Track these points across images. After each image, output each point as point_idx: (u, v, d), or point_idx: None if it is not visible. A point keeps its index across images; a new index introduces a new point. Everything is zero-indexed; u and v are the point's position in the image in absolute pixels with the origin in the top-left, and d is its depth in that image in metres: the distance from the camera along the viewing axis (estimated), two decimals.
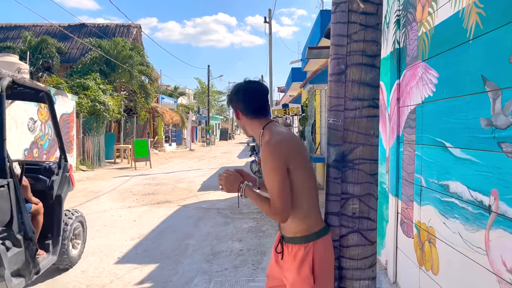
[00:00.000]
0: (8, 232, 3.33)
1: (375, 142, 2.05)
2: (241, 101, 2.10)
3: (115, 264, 4.90)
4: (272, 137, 1.97)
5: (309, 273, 1.93)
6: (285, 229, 2.06)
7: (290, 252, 2.03)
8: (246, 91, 2.10)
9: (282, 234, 2.10)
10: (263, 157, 1.93)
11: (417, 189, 3.36)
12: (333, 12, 2.07)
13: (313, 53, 8.30)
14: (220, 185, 2.18)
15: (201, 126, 46.23)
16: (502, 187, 2.14)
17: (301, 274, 1.96)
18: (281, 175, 1.88)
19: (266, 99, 2.13)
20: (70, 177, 4.70)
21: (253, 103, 2.09)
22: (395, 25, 3.88)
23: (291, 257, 2.02)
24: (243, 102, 2.09)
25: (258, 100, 2.10)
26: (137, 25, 25.99)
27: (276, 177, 1.88)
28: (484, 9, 2.31)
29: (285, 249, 2.07)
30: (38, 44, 20.65)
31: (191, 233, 6.29)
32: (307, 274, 1.94)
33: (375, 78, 2.02)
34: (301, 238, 1.98)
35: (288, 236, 2.04)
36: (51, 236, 4.24)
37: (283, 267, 2.09)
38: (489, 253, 2.26)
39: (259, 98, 2.10)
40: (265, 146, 1.94)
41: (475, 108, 2.42)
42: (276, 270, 2.17)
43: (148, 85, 22.96)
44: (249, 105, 2.09)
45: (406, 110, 3.63)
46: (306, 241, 1.97)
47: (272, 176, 1.89)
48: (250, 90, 2.11)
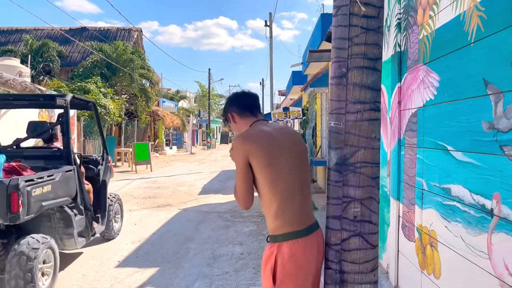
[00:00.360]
0: (74, 204, 4.66)
1: (377, 145, 2.04)
2: (233, 104, 2.32)
3: (116, 267, 4.88)
4: (245, 131, 2.18)
5: (270, 274, 1.99)
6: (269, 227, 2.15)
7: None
8: (236, 96, 2.36)
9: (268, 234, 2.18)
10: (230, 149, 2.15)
11: (418, 192, 3.35)
12: (334, 15, 2.07)
13: (314, 57, 8.31)
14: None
15: (201, 129, 46.24)
16: (505, 191, 2.13)
17: (264, 272, 2.05)
18: (240, 167, 2.05)
19: (253, 101, 2.34)
20: (111, 167, 5.99)
21: (242, 102, 2.30)
22: (396, 28, 3.88)
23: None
24: (234, 104, 2.31)
25: (245, 100, 2.31)
26: (138, 29, 26.07)
27: (237, 168, 2.07)
28: (485, 12, 2.31)
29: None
30: (39, 48, 20.70)
31: (192, 236, 6.27)
32: (268, 274, 2.01)
33: (376, 81, 2.02)
34: (270, 238, 2.08)
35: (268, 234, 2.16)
36: (100, 212, 5.48)
37: None
38: (492, 257, 2.24)
39: (246, 99, 2.32)
40: (235, 138, 2.14)
41: (477, 111, 2.41)
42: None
43: (149, 89, 22.97)
44: (239, 105, 2.30)
45: (407, 113, 3.62)
46: (273, 241, 2.05)
47: (236, 166, 2.08)
48: (238, 95, 2.37)
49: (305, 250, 2.00)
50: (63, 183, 4.39)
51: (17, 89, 9.89)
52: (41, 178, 4.01)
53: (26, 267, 3.64)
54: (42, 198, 3.95)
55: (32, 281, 3.65)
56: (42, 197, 3.95)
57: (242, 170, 2.04)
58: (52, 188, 4.13)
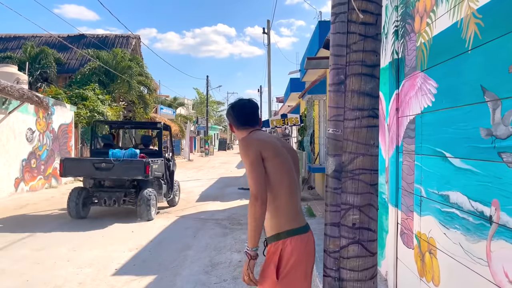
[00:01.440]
0: (163, 178, 8.59)
1: (375, 152, 2.04)
2: (232, 115, 2.46)
3: (113, 275, 4.84)
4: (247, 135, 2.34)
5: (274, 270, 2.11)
6: (266, 229, 2.21)
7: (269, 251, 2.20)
8: (235, 107, 2.48)
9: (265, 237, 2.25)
10: (240, 151, 2.22)
11: (417, 199, 3.34)
12: (332, 23, 2.08)
13: (312, 64, 8.34)
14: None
15: (199, 136, 46.22)
16: (503, 198, 2.12)
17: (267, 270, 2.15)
18: (253, 160, 2.10)
19: (253, 112, 2.47)
20: (175, 163, 9.91)
21: (241, 116, 2.44)
22: (393, 36, 3.90)
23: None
24: (234, 116, 2.46)
25: (244, 114, 2.44)
26: (136, 36, 26.14)
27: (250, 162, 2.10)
28: (483, 19, 2.32)
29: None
30: (37, 55, 20.73)
31: (190, 244, 6.24)
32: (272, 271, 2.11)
33: (374, 88, 2.02)
34: (273, 237, 2.16)
35: (267, 236, 2.22)
36: (171, 190, 9.22)
37: None
38: (491, 264, 2.23)
39: (245, 112, 2.45)
40: (239, 142, 2.27)
41: (475, 118, 2.41)
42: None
43: (147, 96, 23.00)
44: (238, 118, 2.44)
45: (405, 120, 3.62)
46: (276, 239, 2.14)
47: (247, 165, 2.11)
48: (239, 106, 2.48)
49: (306, 246, 2.17)
50: (160, 166, 8.38)
51: (14, 96, 9.87)
52: (154, 161, 8.02)
53: (146, 202, 7.78)
54: (154, 170, 7.94)
55: (148, 209, 7.80)
56: (154, 170, 7.94)
57: (257, 161, 2.11)
58: (157, 167, 8.12)
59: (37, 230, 7.02)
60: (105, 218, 8.16)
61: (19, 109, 11.27)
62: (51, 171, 13.33)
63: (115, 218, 8.17)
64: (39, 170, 12.57)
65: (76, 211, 7.76)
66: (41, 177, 12.68)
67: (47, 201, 10.44)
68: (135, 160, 7.80)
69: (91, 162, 7.78)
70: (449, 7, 2.74)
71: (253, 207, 2.04)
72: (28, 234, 6.74)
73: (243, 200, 10.62)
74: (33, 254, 5.60)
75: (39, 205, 9.77)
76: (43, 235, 6.73)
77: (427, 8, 3.12)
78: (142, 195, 7.72)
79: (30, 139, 12.11)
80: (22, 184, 11.60)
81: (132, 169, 7.63)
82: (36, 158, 12.45)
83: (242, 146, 2.21)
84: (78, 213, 7.78)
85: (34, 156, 12.31)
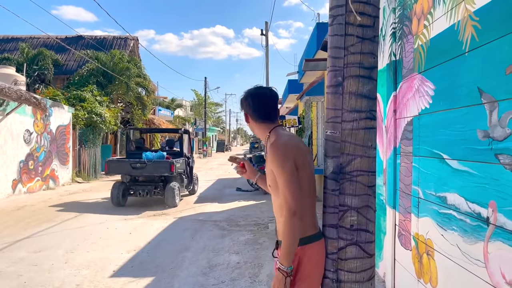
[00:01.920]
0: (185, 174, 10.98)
1: (373, 154, 2.05)
2: (250, 106, 2.19)
3: (110, 277, 4.83)
4: (279, 138, 2.06)
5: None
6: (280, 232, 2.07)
7: None
8: (255, 97, 2.19)
9: (277, 239, 2.13)
10: (272, 157, 1.98)
11: (414, 201, 3.35)
12: (330, 25, 2.08)
13: (310, 65, 8.36)
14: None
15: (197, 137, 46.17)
16: (500, 199, 2.13)
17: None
18: (291, 171, 1.93)
19: (273, 104, 2.22)
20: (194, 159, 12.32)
21: (261, 108, 2.18)
22: (391, 38, 3.91)
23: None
24: (252, 107, 2.18)
25: (265, 105, 2.19)
26: (134, 37, 26.10)
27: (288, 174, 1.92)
28: (480, 22, 2.34)
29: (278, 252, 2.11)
30: (34, 56, 20.69)
31: (188, 245, 6.23)
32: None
33: (372, 90, 2.03)
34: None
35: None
36: (190, 182, 11.54)
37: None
38: (488, 266, 2.24)
39: (266, 104, 2.19)
40: (273, 147, 2.01)
41: (472, 120, 2.42)
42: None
43: (145, 97, 22.97)
44: (257, 110, 2.18)
45: (403, 122, 3.63)
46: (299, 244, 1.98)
47: (284, 174, 1.93)
48: (259, 96, 2.20)
49: (321, 252, 2.05)
50: (182, 164, 10.50)
51: (12, 97, 9.85)
52: (177, 161, 10.02)
53: (172, 192, 9.72)
54: (177, 167, 9.91)
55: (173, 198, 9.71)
56: (177, 167, 9.91)
57: (295, 172, 1.94)
58: (179, 165, 10.21)
59: (36, 230, 7.01)
60: (103, 220, 8.15)
61: (17, 110, 11.25)
62: (48, 172, 13.30)
63: (112, 220, 8.16)
64: (36, 171, 12.54)
65: (117, 200, 9.72)
66: (38, 179, 12.66)
67: (45, 202, 10.42)
68: (162, 161, 9.82)
69: (129, 163, 9.82)
70: (446, 9, 2.76)
71: (291, 223, 1.88)
72: (24, 236, 6.72)
73: (241, 201, 10.62)
74: (30, 255, 5.59)
75: (36, 206, 9.75)
76: (40, 237, 6.71)
77: (425, 11, 3.14)
78: (168, 187, 9.81)
79: (27, 141, 12.08)
80: (20, 186, 11.57)
81: (161, 168, 9.67)
82: (34, 159, 12.42)
83: (278, 153, 1.97)
84: (118, 202, 9.74)
85: (31, 157, 12.28)
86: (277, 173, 1.96)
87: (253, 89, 2.24)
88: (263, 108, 2.19)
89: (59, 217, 8.37)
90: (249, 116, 2.22)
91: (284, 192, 1.92)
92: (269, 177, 2.08)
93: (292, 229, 1.89)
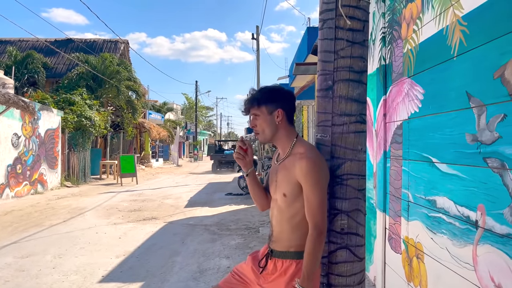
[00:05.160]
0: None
1: (363, 158, 2.05)
2: (287, 104, 2.03)
3: (99, 283, 4.78)
4: (313, 150, 1.94)
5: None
6: (278, 242, 2.01)
7: (279, 267, 1.98)
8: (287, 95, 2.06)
9: (271, 248, 2.04)
10: (306, 171, 1.85)
11: (404, 204, 3.37)
12: (320, 29, 2.09)
13: (301, 69, 8.38)
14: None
15: (188, 141, 46.05)
16: (489, 202, 2.15)
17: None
18: (325, 189, 1.90)
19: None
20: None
21: (292, 110, 2.07)
22: (381, 42, 3.94)
23: (279, 272, 1.97)
24: (289, 106, 2.04)
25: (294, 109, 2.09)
26: (125, 41, 26.00)
27: (322, 192, 1.87)
28: (468, 27, 2.36)
29: (270, 263, 2.02)
30: (23, 59, 20.46)
31: (178, 250, 6.19)
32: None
33: (362, 94, 2.04)
34: (295, 254, 1.95)
35: (280, 250, 1.99)
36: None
37: (263, 277, 2.04)
38: (477, 269, 2.25)
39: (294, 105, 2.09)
40: (309, 161, 1.87)
41: (460, 124, 2.44)
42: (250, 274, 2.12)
43: (135, 101, 22.85)
44: (290, 112, 2.05)
45: (393, 125, 3.65)
46: (300, 257, 1.91)
47: (318, 191, 1.85)
48: (291, 96, 2.09)
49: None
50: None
51: None
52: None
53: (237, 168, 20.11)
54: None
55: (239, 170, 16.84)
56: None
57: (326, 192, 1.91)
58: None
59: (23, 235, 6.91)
60: (92, 225, 8.07)
61: (5, 114, 11.11)
62: (37, 176, 13.15)
63: (101, 225, 8.08)
64: (24, 175, 12.38)
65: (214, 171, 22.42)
66: (26, 183, 12.50)
67: (33, 207, 10.28)
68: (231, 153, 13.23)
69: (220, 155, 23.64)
70: (434, 14, 2.78)
71: (319, 243, 1.82)
72: (12, 241, 6.62)
73: (232, 205, 10.59)
74: (17, 261, 5.50)
75: (24, 211, 9.62)
76: (28, 242, 6.62)
77: (414, 15, 3.17)
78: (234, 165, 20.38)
79: (15, 144, 11.94)
80: (7, 190, 11.41)
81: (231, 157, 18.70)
82: (22, 163, 12.27)
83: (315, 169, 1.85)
84: (215, 171, 22.50)
85: (19, 161, 12.13)
86: (309, 189, 1.85)
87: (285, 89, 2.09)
88: (293, 111, 2.06)
89: (47, 222, 8.26)
90: (285, 115, 2.00)
91: (315, 210, 1.84)
92: (288, 187, 1.94)
93: (320, 249, 1.84)
